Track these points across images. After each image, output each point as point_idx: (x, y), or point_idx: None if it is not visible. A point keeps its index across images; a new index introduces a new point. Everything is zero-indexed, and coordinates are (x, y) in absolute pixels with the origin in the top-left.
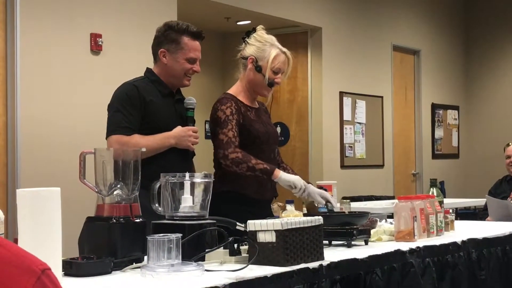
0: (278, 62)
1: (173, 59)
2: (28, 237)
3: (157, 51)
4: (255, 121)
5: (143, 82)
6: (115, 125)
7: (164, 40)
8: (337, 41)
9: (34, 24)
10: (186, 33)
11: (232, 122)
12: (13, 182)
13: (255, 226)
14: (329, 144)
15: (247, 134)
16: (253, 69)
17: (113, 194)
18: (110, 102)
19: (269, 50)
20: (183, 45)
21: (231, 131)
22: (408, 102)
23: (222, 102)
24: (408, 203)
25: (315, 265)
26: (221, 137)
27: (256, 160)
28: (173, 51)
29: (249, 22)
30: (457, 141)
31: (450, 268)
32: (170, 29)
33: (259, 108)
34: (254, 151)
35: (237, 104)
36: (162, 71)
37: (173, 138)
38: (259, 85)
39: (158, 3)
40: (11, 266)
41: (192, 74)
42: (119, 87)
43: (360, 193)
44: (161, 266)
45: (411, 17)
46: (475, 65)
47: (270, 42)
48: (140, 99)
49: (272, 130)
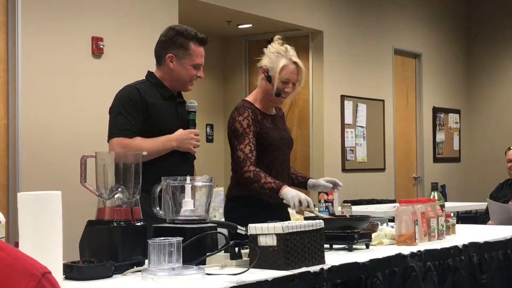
0: (287, 72)
1: (180, 64)
2: (29, 240)
3: (163, 55)
4: (271, 128)
5: (145, 85)
6: (116, 128)
7: (172, 45)
8: (339, 44)
9: (35, 27)
10: (194, 39)
11: (249, 135)
12: (14, 185)
13: (256, 230)
14: (330, 147)
15: (263, 141)
16: (265, 79)
17: (114, 198)
18: (112, 105)
19: (279, 61)
20: (191, 51)
21: (248, 145)
22: (409, 106)
23: (239, 111)
24: (409, 206)
25: (316, 269)
26: (239, 154)
27: (266, 178)
28: (181, 56)
29: (250, 25)
30: (458, 145)
31: (451, 272)
32: (178, 35)
33: (275, 114)
34: (268, 157)
35: (254, 112)
36: (166, 75)
37: (175, 141)
38: (270, 95)
39: (159, 7)
40: (12, 269)
41: (196, 79)
42: (121, 90)
43: (361, 197)
44: (162, 270)
45: (412, 21)
46: (477, 69)
47: (282, 53)
48: (142, 102)
49: (286, 136)
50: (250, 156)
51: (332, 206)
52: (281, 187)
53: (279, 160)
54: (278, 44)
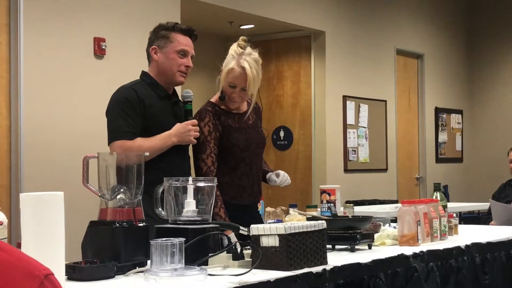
0: (232, 76)
1: (163, 54)
2: (32, 241)
3: (148, 50)
4: (236, 128)
5: (141, 86)
6: (116, 131)
7: (154, 38)
8: (341, 45)
9: (37, 28)
10: (175, 29)
11: (210, 144)
12: (16, 186)
13: (259, 231)
14: (332, 148)
15: (226, 143)
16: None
17: (116, 198)
18: (109, 107)
19: (227, 63)
20: (172, 39)
21: (210, 156)
22: (412, 106)
23: (201, 116)
24: (411, 207)
25: (318, 270)
26: (201, 165)
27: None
28: (163, 46)
29: (252, 26)
30: (460, 145)
31: (454, 273)
32: (159, 27)
33: (245, 112)
34: (233, 159)
35: (216, 114)
36: (155, 70)
37: (174, 136)
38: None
39: (161, 8)
40: (14, 271)
41: (186, 70)
42: (117, 91)
43: (364, 197)
44: (164, 271)
45: (415, 21)
46: (479, 69)
47: (235, 56)
48: (140, 103)
49: (255, 136)
50: (212, 169)
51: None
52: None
53: (245, 162)
54: (237, 46)
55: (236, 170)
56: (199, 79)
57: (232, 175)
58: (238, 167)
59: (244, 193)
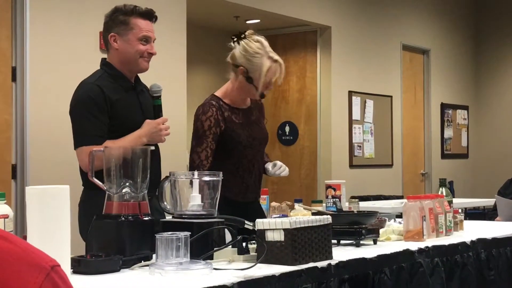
0: (271, 74)
1: (124, 42)
2: (37, 234)
3: (106, 37)
4: (240, 124)
5: (104, 80)
6: (83, 135)
7: (112, 24)
8: (347, 40)
9: (43, 22)
10: (134, 13)
11: (208, 139)
12: (22, 180)
13: (264, 225)
14: (338, 143)
15: (230, 140)
16: (244, 80)
17: (121, 192)
18: (73, 107)
19: (260, 62)
20: (133, 25)
21: (205, 150)
22: (417, 102)
23: (204, 110)
24: (417, 202)
25: (323, 264)
26: (194, 157)
27: None
28: (123, 33)
29: (258, 20)
30: (466, 141)
31: (459, 268)
32: (117, 12)
33: (250, 107)
34: (236, 155)
35: (220, 109)
36: (116, 59)
37: (144, 136)
38: (250, 94)
39: (167, 2)
40: (20, 262)
41: (148, 56)
42: (80, 89)
43: (369, 193)
44: (169, 264)
45: (421, 16)
46: (485, 65)
47: (260, 52)
48: (106, 101)
49: (258, 133)
50: (205, 164)
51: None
52: None
53: (247, 159)
54: (251, 41)
55: (238, 168)
56: (205, 73)
57: (234, 172)
58: (240, 164)
59: (248, 190)
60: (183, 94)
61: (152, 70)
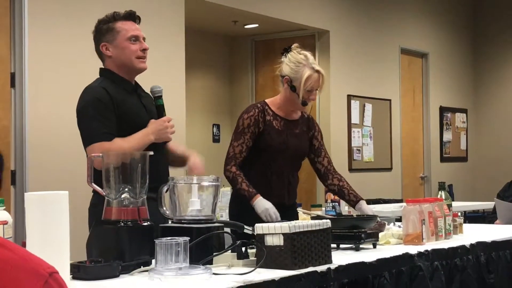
0: (311, 82)
1: (115, 47)
2: (36, 240)
3: (99, 48)
4: (278, 130)
5: (108, 83)
6: (93, 133)
7: (99, 35)
8: (345, 44)
9: (41, 27)
10: (116, 18)
11: (246, 136)
12: (21, 185)
13: (263, 229)
14: (337, 147)
15: (262, 141)
16: (288, 88)
17: (120, 198)
18: (81, 109)
19: (302, 71)
20: (118, 29)
21: (240, 145)
22: (416, 105)
23: (248, 109)
24: (416, 206)
25: (323, 269)
26: (229, 150)
27: (241, 184)
28: (112, 39)
29: (256, 25)
30: (465, 144)
31: (459, 272)
32: (100, 23)
33: (296, 120)
34: (266, 157)
35: (263, 112)
36: (113, 65)
37: (152, 134)
38: (294, 103)
39: (166, 7)
40: (19, 269)
41: (143, 54)
42: (86, 92)
43: (368, 197)
44: (169, 270)
45: (419, 20)
46: (484, 68)
47: (303, 63)
48: (112, 101)
49: (294, 144)
50: (237, 157)
51: (339, 205)
52: (253, 197)
53: (277, 163)
54: (297, 53)
55: (267, 170)
56: (204, 78)
57: (263, 173)
58: (270, 166)
59: (272, 193)
60: (182, 97)
61: (151, 73)
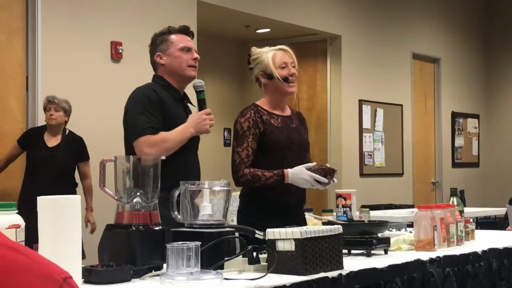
0: (278, 59)
1: (168, 56)
2: (48, 244)
3: (154, 59)
4: (278, 127)
5: (157, 87)
6: (140, 127)
7: (155, 47)
8: (357, 49)
9: (55, 31)
10: (171, 31)
11: (249, 139)
12: None
13: (274, 235)
14: (348, 152)
15: (268, 140)
16: (267, 80)
17: (132, 202)
18: (129, 106)
19: (265, 57)
20: (171, 40)
21: (245, 150)
22: (428, 111)
23: (243, 113)
24: (428, 212)
25: (334, 274)
26: (235, 157)
27: (264, 174)
28: (165, 49)
29: (268, 30)
30: (477, 150)
31: (471, 278)
32: (155, 36)
33: (290, 116)
34: (275, 156)
35: (259, 112)
36: (165, 72)
37: (192, 127)
38: (280, 88)
39: (178, 12)
40: (33, 274)
41: (195, 63)
42: (136, 92)
43: (380, 202)
44: (180, 274)
45: (431, 25)
46: (496, 73)
47: (264, 51)
48: (160, 102)
49: (297, 137)
50: (245, 161)
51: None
52: (282, 175)
53: (287, 161)
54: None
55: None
56: (216, 82)
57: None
58: (281, 165)
59: (289, 191)
60: (194, 102)
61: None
